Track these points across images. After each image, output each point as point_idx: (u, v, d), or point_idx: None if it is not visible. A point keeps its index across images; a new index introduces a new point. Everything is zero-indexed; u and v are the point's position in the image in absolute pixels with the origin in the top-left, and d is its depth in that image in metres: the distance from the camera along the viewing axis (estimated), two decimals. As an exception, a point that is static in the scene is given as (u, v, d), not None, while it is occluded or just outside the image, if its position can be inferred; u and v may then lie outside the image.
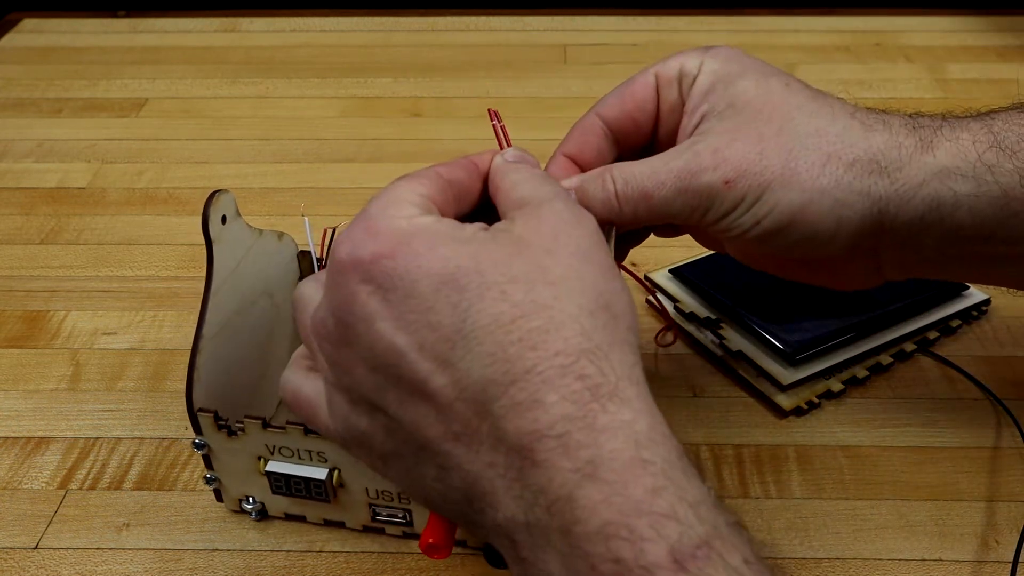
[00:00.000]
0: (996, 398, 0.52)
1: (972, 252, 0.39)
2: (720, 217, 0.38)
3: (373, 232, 0.31)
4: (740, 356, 0.53)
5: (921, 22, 0.98)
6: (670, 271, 0.59)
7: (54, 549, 0.45)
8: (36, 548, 0.45)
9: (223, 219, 0.42)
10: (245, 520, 0.46)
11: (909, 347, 0.54)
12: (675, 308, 0.57)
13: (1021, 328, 0.57)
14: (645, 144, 0.42)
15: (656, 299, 0.56)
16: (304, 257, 0.50)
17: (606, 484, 0.27)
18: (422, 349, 0.29)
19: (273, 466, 0.43)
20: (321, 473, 0.42)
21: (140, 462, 0.49)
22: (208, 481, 0.45)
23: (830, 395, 0.52)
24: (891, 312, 0.54)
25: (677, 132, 0.41)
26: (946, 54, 0.91)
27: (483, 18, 1.00)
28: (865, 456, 0.49)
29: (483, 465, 0.29)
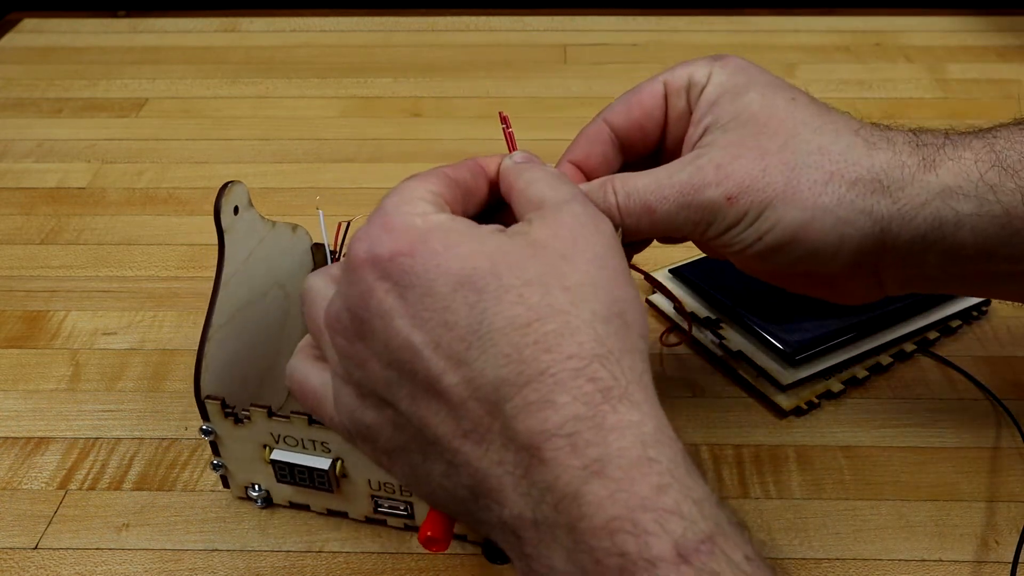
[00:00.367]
0: (996, 398, 0.52)
1: (974, 270, 0.39)
2: (722, 232, 0.38)
3: (390, 229, 0.31)
4: (740, 356, 0.53)
5: (921, 22, 0.98)
6: (670, 271, 0.59)
7: (54, 549, 0.45)
8: (36, 548, 0.45)
9: (235, 210, 0.43)
10: (245, 520, 0.46)
11: (909, 347, 0.54)
12: (675, 308, 0.57)
13: (1021, 328, 0.57)
14: (651, 152, 0.42)
15: (678, 304, 0.56)
16: (318, 250, 0.51)
17: (613, 481, 0.27)
18: (437, 347, 0.29)
19: (278, 454, 0.43)
20: (324, 463, 0.43)
21: (140, 462, 0.49)
22: (215, 467, 0.45)
23: (830, 395, 0.52)
24: (891, 312, 0.54)
25: (683, 141, 0.41)
26: (946, 54, 0.91)
27: (483, 18, 1.00)
28: (865, 456, 0.49)
29: (492, 463, 0.29)
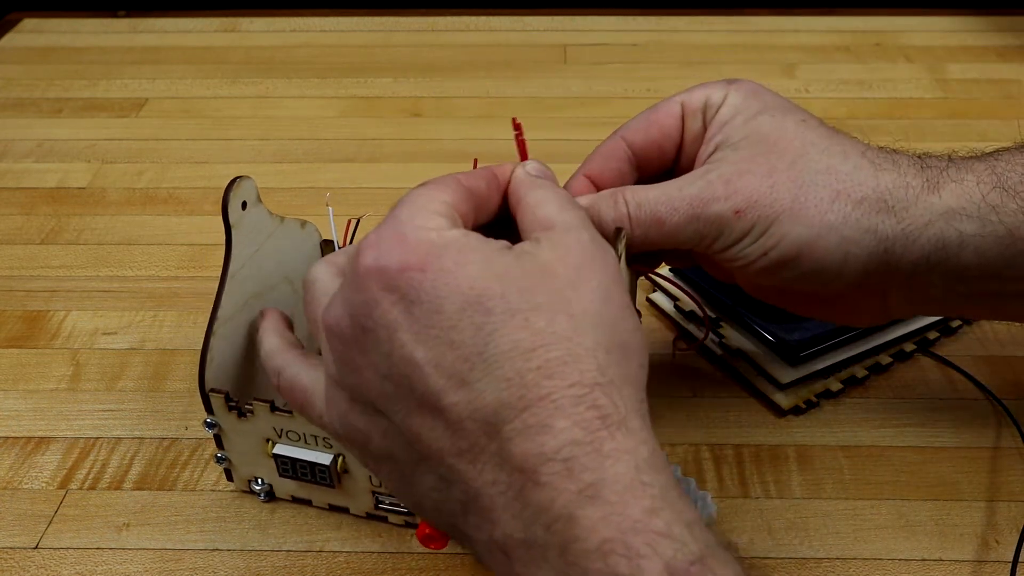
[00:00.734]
0: (996, 398, 0.52)
1: (979, 290, 0.39)
2: (729, 246, 0.39)
3: (402, 241, 0.31)
4: (740, 355, 0.53)
5: (921, 22, 0.98)
6: (671, 270, 0.59)
7: (54, 549, 0.45)
8: (36, 548, 0.45)
9: (243, 205, 0.43)
10: (246, 520, 0.46)
11: (909, 347, 0.54)
12: (675, 307, 0.57)
13: (1021, 328, 0.57)
14: (666, 171, 0.42)
15: (703, 316, 0.55)
16: (327, 246, 0.51)
17: (607, 504, 0.28)
18: (439, 365, 0.29)
19: (280, 449, 0.44)
20: (326, 458, 0.43)
21: (140, 462, 0.49)
22: (219, 460, 0.46)
23: (829, 395, 0.52)
24: (891, 312, 0.54)
25: (695, 160, 0.41)
26: (946, 54, 0.91)
27: (483, 18, 1.00)
28: (865, 456, 0.49)
29: (485, 483, 0.29)
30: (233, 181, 0.42)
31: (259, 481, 0.46)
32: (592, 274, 0.31)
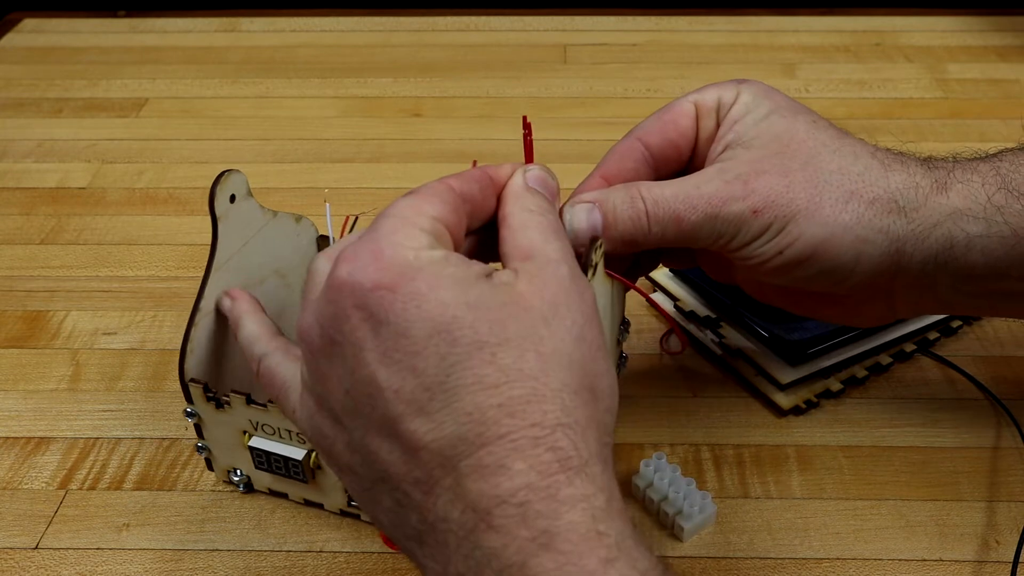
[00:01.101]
0: (996, 398, 0.52)
1: (985, 289, 0.40)
2: (744, 244, 0.38)
3: (377, 258, 0.30)
4: (740, 355, 0.53)
5: (921, 22, 0.98)
6: (671, 270, 0.59)
7: (54, 549, 0.45)
8: (36, 548, 0.45)
9: (232, 198, 0.44)
10: (245, 520, 0.46)
11: (909, 347, 0.54)
12: (675, 307, 0.57)
13: (1021, 328, 0.57)
14: (679, 171, 0.42)
15: (674, 327, 0.55)
16: (323, 242, 0.51)
17: (561, 554, 0.27)
18: (400, 391, 0.29)
19: (256, 442, 0.44)
20: (299, 453, 0.43)
21: (140, 462, 0.49)
22: (199, 450, 0.46)
23: (829, 395, 0.52)
24: (891, 312, 0.54)
25: (706, 159, 0.41)
26: (946, 54, 0.91)
27: (483, 18, 1.00)
28: (865, 456, 0.49)
29: (438, 517, 0.29)
30: (221, 174, 0.43)
31: (237, 472, 0.46)
32: (567, 312, 0.31)
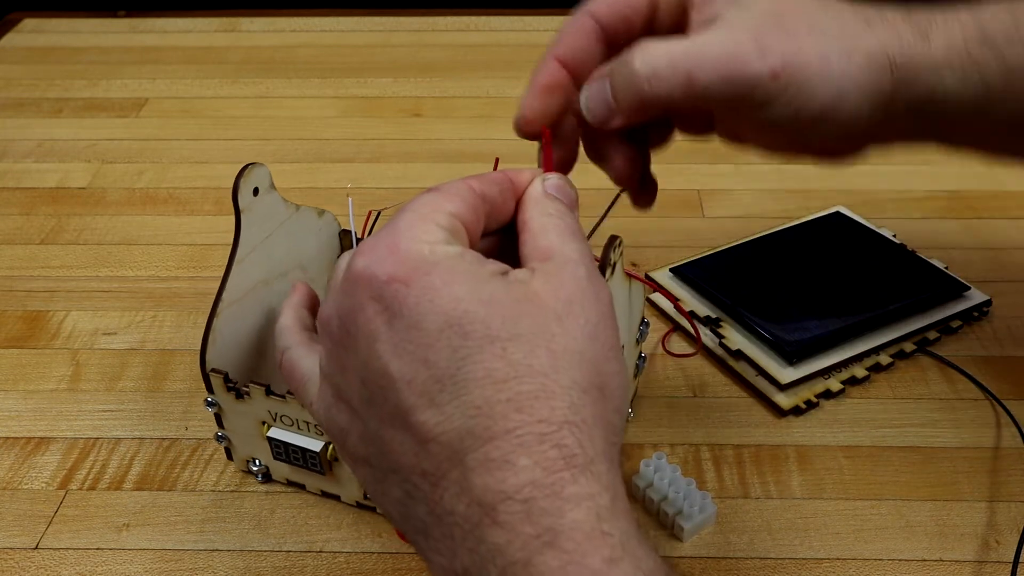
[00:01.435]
0: (996, 398, 0.52)
1: (958, 136, 0.42)
2: (757, 107, 0.38)
3: (394, 251, 0.30)
4: (740, 355, 0.53)
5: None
6: (671, 270, 0.59)
7: (54, 549, 0.45)
8: (36, 548, 0.45)
9: (255, 191, 0.44)
10: (245, 520, 0.46)
11: (909, 347, 0.54)
12: (675, 307, 0.57)
13: (1021, 328, 0.57)
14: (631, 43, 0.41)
15: (678, 305, 0.55)
16: (346, 236, 0.52)
17: (565, 553, 0.27)
18: (412, 382, 0.29)
19: (275, 432, 0.44)
20: (316, 445, 0.44)
21: (140, 462, 0.49)
22: (219, 439, 0.47)
23: (829, 395, 0.52)
24: (891, 312, 0.54)
25: (678, 28, 0.40)
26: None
27: (483, 18, 1.00)
28: (865, 456, 0.49)
29: (445, 510, 0.29)
30: (245, 167, 0.43)
31: (256, 462, 0.47)
32: (581, 310, 0.31)
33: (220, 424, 0.46)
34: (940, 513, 0.46)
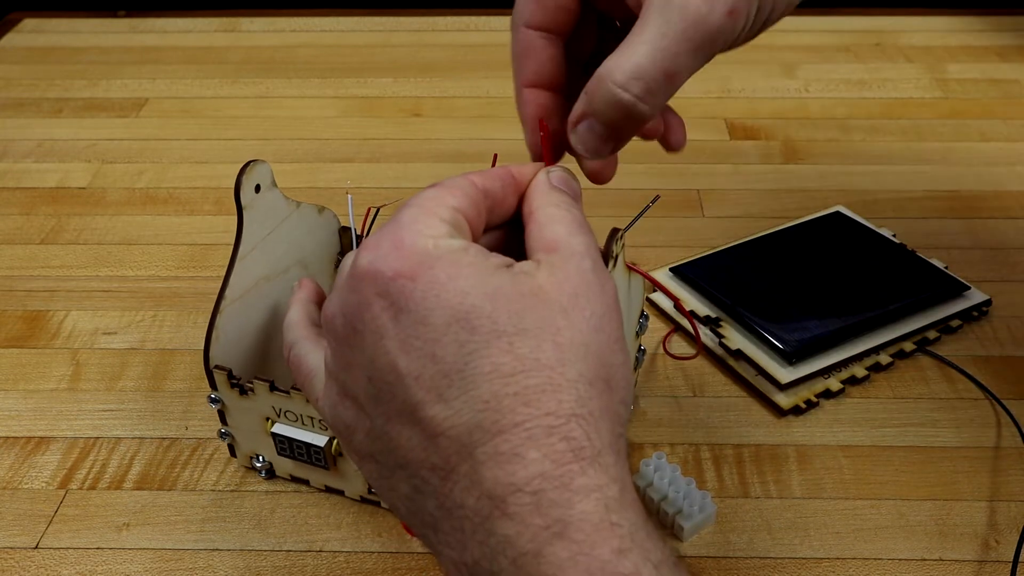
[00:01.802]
0: (996, 398, 0.52)
1: None
2: (731, 43, 0.37)
3: (398, 247, 0.30)
4: (739, 355, 0.53)
5: (921, 22, 0.98)
6: (671, 270, 0.59)
7: (54, 549, 0.45)
8: (36, 548, 0.45)
9: (256, 188, 0.44)
10: (245, 520, 0.46)
11: (909, 347, 0.54)
12: (675, 307, 0.57)
13: (1021, 328, 0.57)
14: (578, 19, 0.40)
15: (678, 305, 0.55)
16: (345, 233, 0.52)
17: (574, 543, 0.27)
18: (420, 377, 0.29)
19: (279, 428, 0.45)
20: (321, 440, 0.44)
21: (140, 462, 0.49)
22: (222, 436, 0.47)
23: (829, 394, 0.52)
24: (891, 312, 0.54)
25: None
26: (946, 54, 0.91)
27: (483, 18, 1.00)
28: (865, 456, 0.49)
29: (455, 504, 0.29)
30: (247, 164, 0.43)
31: (260, 458, 0.47)
32: (587, 303, 0.31)
33: (223, 421, 0.47)
34: (940, 513, 0.46)
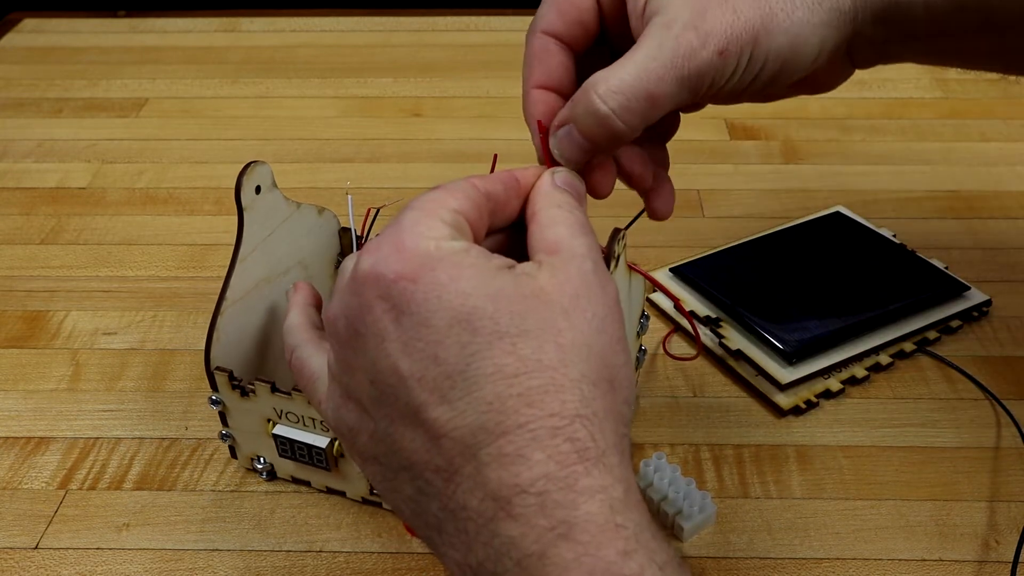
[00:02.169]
0: (996, 398, 0.52)
1: (930, 45, 0.41)
2: (721, 86, 0.37)
3: (399, 249, 0.30)
4: (739, 355, 0.53)
5: (921, 22, 0.97)
6: (671, 270, 0.59)
7: (54, 549, 0.45)
8: (36, 548, 0.45)
9: (257, 189, 0.44)
10: (245, 520, 0.46)
11: (909, 347, 0.54)
12: (675, 307, 0.57)
13: (1021, 328, 0.57)
14: (596, 38, 0.40)
15: (678, 305, 0.55)
16: (345, 234, 0.52)
17: (579, 544, 0.27)
18: (422, 380, 0.29)
19: (280, 429, 0.45)
20: (322, 441, 0.44)
21: (140, 462, 0.49)
22: (223, 437, 0.47)
23: (829, 395, 0.52)
24: (891, 312, 0.54)
25: (622, 18, 0.39)
26: (946, 54, 0.91)
27: (483, 18, 1.00)
28: (865, 456, 0.49)
29: (459, 505, 0.29)
30: (248, 165, 0.43)
31: (261, 460, 0.47)
32: (588, 304, 0.31)
33: (224, 422, 0.46)
34: (940, 513, 0.46)
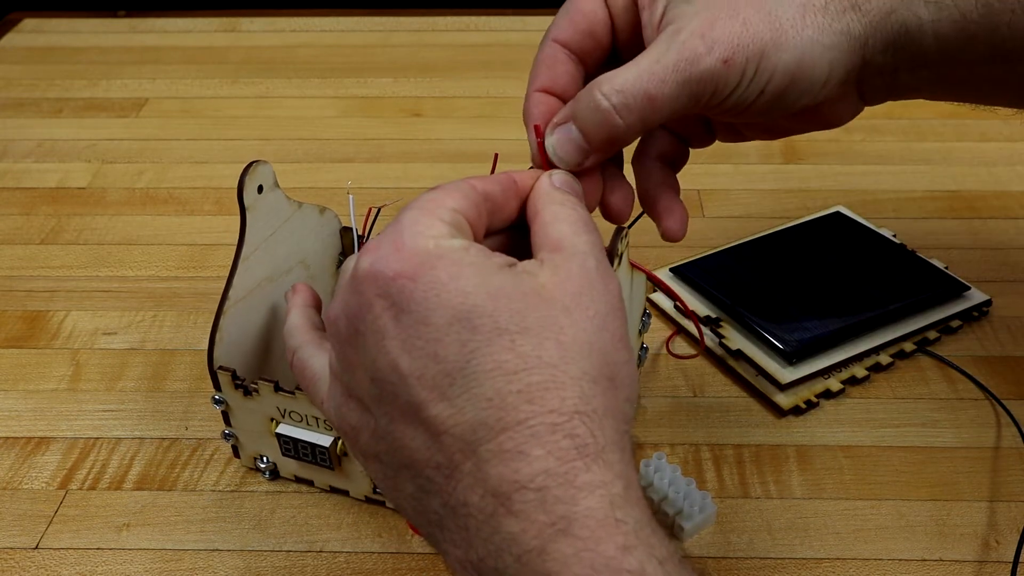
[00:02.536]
0: (996, 398, 0.52)
1: (940, 75, 0.40)
2: (724, 97, 0.37)
3: (399, 248, 0.30)
4: (739, 355, 0.53)
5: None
6: (671, 270, 0.59)
7: (54, 549, 0.45)
8: (36, 548, 0.45)
9: (259, 189, 0.44)
10: (245, 520, 0.46)
11: (909, 347, 0.54)
12: (675, 307, 0.57)
13: (1021, 328, 0.57)
14: (608, 54, 0.41)
15: (680, 304, 0.55)
16: (346, 233, 0.52)
17: (579, 540, 0.27)
18: (422, 377, 0.29)
19: (283, 429, 0.45)
20: (326, 440, 0.44)
21: (140, 462, 0.49)
22: (226, 437, 0.47)
23: (829, 395, 0.52)
24: (891, 312, 0.54)
25: (635, 32, 0.39)
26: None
27: (483, 18, 1.00)
28: (865, 456, 0.49)
29: (459, 502, 0.29)
30: (250, 165, 0.43)
31: (264, 459, 0.47)
32: (590, 302, 0.31)
33: (227, 422, 0.47)
34: (940, 513, 0.46)
